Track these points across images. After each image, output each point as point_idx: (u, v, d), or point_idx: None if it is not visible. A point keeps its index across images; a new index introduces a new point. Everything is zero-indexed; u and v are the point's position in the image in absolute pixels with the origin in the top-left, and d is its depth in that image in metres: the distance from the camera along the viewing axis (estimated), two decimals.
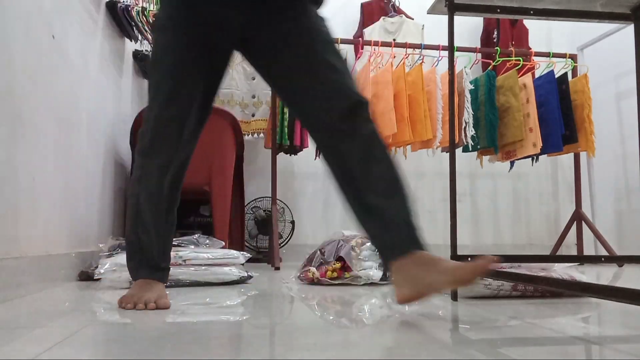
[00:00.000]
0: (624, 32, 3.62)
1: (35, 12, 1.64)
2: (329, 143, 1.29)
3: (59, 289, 1.71)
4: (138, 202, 1.36)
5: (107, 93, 2.53)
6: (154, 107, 1.34)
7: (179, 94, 1.31)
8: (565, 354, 0.84)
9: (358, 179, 1.23)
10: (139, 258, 1.37)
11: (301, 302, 1.48)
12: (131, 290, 1.35)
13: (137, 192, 1.37)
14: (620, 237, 3.77)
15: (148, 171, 1.35)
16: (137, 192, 1.37)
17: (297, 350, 0.84)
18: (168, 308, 1.28)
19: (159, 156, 1.34)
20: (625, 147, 3.76)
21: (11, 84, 1.47)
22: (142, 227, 1.35)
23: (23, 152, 1.55)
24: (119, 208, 2.76)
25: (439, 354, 0.82)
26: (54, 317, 1.17)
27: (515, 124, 3.26)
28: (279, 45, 1.31)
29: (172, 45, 1.32)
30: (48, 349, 0.84)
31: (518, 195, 4.30)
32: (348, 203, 1.27)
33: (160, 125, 1.34)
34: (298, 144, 3.27)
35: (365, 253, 2.00)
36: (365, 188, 1.22)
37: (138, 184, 1.37)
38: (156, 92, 1.34)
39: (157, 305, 1.27)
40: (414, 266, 1.12)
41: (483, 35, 4.23)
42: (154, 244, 1.37)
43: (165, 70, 1.33)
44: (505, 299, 1.51)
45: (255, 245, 3.72)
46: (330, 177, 1.30)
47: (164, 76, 1.33)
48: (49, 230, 1.77)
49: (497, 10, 1.55)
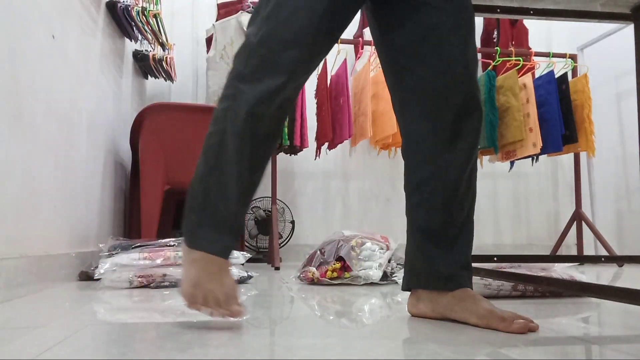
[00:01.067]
0: (624, 32, 3.62)
1: (35, 12, 1.64)
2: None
3: (59, 289, 1.71)
4: (221, 141, 1.06)
5: (107, 93, 2.53)
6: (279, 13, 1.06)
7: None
8: (565, 354, 0.84)
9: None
10: (202, 214, 1.07)
11: (301, 302, 1.48)
12: (189, 273, 1.06)
13: (222, 127, 1.07)
14: (620, 237, 3.77)
15: (242, 100, 1.06)
16: (222, 128, 1.07)
17: (297, 350, 0.84)
18: (242, 316, 1.03)
19: (266, 80, 1.05)
20: (625, 147, 3.76)
21: (11, 84, 1.47)
22: (217, 174, 1.07)
23: (23, 152, 1.55)
24: (119, 208, 2.76)
25: (439, 354, 0.82)
26: (54, 317, 1.17)
27: (515, 124, 3.27)
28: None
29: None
30: (48, 349, 0.84)
31: (518, 195, 4.30)
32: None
33: (280, 40, 1.05)
34: (298, 144, 3.27)
35: (365, 253, 2.00)
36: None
37: (224, 118, 1.07)
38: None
39: (231, 312, 1.02)
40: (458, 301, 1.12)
41: (483, 35, 4.23)
42: (228, 199, 1.06)
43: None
44: (505, 299, 1.51)
45: (255, 245, 3.72)
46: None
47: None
48: (49, 230, 1.77)
49: (497, 10, 1.55)
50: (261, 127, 1.07)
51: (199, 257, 1.06)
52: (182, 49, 3.83)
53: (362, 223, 4.02)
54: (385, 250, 2.06)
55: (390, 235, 2.34)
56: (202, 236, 1.07)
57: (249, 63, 1.06)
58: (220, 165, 1.06)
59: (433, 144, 1.13)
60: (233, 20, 3.30)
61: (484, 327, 1.04)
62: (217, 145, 1.07)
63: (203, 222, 1.07)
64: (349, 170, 4.07)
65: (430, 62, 1.11)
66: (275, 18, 1.06)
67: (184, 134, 2.61)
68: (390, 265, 2.04)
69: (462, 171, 1.13)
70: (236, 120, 1.05)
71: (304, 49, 1.06)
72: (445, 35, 1.11)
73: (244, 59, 1.08)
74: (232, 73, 1.09)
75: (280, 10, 1.06)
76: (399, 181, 4.10)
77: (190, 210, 1.09)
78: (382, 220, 4.05)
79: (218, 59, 3.27)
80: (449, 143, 1.13)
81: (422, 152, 1.14)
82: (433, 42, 1.11)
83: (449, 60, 1.11)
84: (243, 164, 1.06)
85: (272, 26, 1.05)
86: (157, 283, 1.81)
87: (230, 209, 1.07)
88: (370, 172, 4.09)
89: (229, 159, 1.06)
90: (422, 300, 1.17)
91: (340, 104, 3.26)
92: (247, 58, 1.07)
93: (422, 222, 1.15)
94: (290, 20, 1.05)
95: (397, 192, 4.08)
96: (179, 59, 3.73)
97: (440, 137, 1.13)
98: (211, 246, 1.06)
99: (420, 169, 1.15)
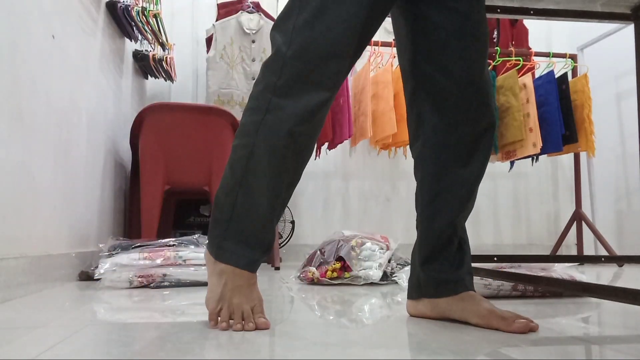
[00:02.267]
0: (624, 32, 3.62)
1: (35, 12, 1.64)
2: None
3: (59, 289, 1.71)
4: (251, 154, 1.02)
5: (107, 93, 2.53)
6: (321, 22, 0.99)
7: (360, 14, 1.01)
8: (565, 354, 0.84)
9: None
10: (228, 227, 1.04)
11: (301, 302, 1.48)
12: (214, 286, 1.04)
13: (252, 141, 1.03)
14: (620, 237, 3.77)
15: (280, 116, 1.01)
16: (251, 142, 1.03)
17: (297, 350, 0.84)
18: (268, 328, 1.02)
19: (305, 96, 1.01)
20: (625, 147, 3.76)
21: (11, 84, 1.47)
22: (246, 188, 1.03)
23: (23, 152, 1.55)
24: (119, 208, 2.76)
25: (439, 354, 0.82)
26: (54, 317, 1.17)
27: (515, 124, 3.27)
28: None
29: None
30: (48, 349, 0.84)
31: (518, 195, 4.30)
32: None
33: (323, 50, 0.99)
34: None
35: (365, 253, 2.00)
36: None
37: (255, 132, 1.02)
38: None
39: (257, 325, 1.01)
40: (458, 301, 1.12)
41: None
42: (258, 213, 1.04)
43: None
44: (505, 299, 1.51)
45: None
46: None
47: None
48: (49, 230, 1.77)
49: (497, 10, 1.55)
50: (301, 143, 1.04)
51: (226, 270, 1.04)
52: (182, 49, 3.83)
53: (362, 223, 4.02)
54: (385, 250, 2.06)
55: (390, 235, 2.34)
56: (229, 249, 1.05)
57: (284, 76, 1.00)
58: (249, 179, 1.03)
59: (451, 157, 1.11)
60: (233, 20, 3.30)
61: (484, 327, 1.04)
62: (246, 158, 1.03)
63: (230, 235, 1.05)
64: (349, 170, 4.07)
65: (454, 71, 1.09)
66: (312, 28, 0.99)
67: (184, 134, 2.62)
68: (390, 265, 2.04)
69: (474, 184, 1.13)
70: (272, 136, 1.01)
71: (345, 60, 1.02)
72: (469, 44, 1.09)
73: (277, 71, 1.01)
74: (262, 84, 1.03)
75: (319, 19, 0.99)
76: (399, 181, 4.11)
77: (216, 222, 1.06)
78: (382, 220, 4.05)
79: (218, 59, 3.27)
80: (468, 157, 1.11)
81: (439, 164, 1.12)
82: (458, 50, 1.08)
83: (471, 70, 1.09)
84: (279, 180, 1.04)
85: (310, 37, 0.99)
86: (157, 283, 1.81)
87: (259, 222, 1.05)
88: (370, 172, 4.09)
89: (259, 173, 1.02)
90: (421, 300, 1.17)
91: (340, 104, 3.26)
92: (280, 70, 1.01)
93: (433, 236, 1.14)
94: (331, 31, 0.99)
95: (397, 192, 4.08)
96: (179, 59, 3.73)
97: (459, 151, 1.11)
98: (239, 260, 1.04)
99: (435, 182, 1.13)
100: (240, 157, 1.04)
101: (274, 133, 1.01)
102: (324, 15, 0.99)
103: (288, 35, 1.01)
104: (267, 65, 1.04)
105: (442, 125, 1.11)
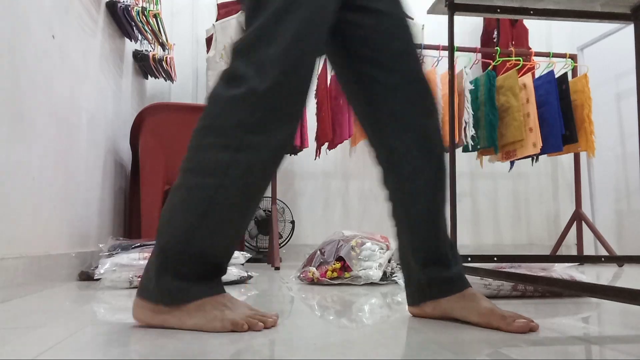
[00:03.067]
0: (624, 32, 3.62)
1: (35, 12, 1.64)
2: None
3: (59, 289, 1.71)
4: (216, 195, 0.98)
5: (107, 93, 2.54)
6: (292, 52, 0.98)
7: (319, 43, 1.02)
8: (565, 354, 0.84)
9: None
10: (194, 267, 1.00)
11: (301, 302, 1.48)
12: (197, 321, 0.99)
13: (216, 183, 0.98)
14: (620, 237, 3.78)
15: (256, 156, 0.98)
16: (215, 184, 0.98)
17: (297, 350, 0.84)
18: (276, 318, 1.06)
19: (280, 131, 0.99)
20: (625, 147, 3.76)
21: (12, 84, 1.47)
22: (210, 232, 0.99)
23: (23, 152, 1.55)
24: (119, 208, 2.76)
25: (439, 354, 0.82)
26: (54, 317, 1.17)
27: (515, 124, 3.27)
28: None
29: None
30: (48, 349, 0.84)
31: (518, 195, 4.30)
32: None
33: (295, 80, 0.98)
34: (298, 144, 3.27)
35: (365, 253, 2.00)
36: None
37: (224, 174, 0.97)
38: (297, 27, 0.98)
39: (265, 325, 1.01)
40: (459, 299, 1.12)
41: (483, 35, 4.23)
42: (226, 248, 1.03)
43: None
44: (505, 299, 1.51)
45: (255, 245, 3.72)
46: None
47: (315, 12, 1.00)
48: (49, 230, 1.77)
49: (497, 10, 1.55)
50: (268, 181, 1.03)
51: (199, 304, 0.99)
52: (182, 49, 3.83)
53: (362, 223, 4.03)
54: (385, 250, 2.06)
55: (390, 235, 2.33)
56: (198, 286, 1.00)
57: (258, 112, 0.97)
58: (211, 221, 0.98)
59: (419, 154, 1.11)
60: (233, 20, 3.30)
61: (484, 326, 1.04)
62: (209, 200, 0.97)
63: (195, 273, 1.00)
64: (349, 170, 4.07)
65: (396, 68, 1.10)
66: (284, 64, 0.97)
67: (184, 134, 2.61)
68: (390, 265, 2.04)
69: (444, 174, 1.13)
70: (246, 176, 0.98)
71: (309, 91, 1.04)
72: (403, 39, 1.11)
73: (249, 107, 0.97)
74: (231, 119, 0.97)
75: (291, 54, 0.97)
76: None
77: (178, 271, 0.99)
78: (382, 220, 4.05)
79: (218, 59, 3.27)
80: (429, 149, 1.11)
81: (410, 164, 1.11)
82: (395, 47, 1.10)
83: (411, 63, 1.11)
84: (248, 214, 1.02)
85: (282, 74, 0.97)
86: None
87: (228, 253, 1.03)
88: (370, 172, 4.09)
89: (225, 214, 0.98)
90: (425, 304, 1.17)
91: (340, 104, 3.26)
92: (254, 107, 0.97)
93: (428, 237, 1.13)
94: (301, 66, 0.99)
95: None
96: (179, 59, 3.73)
97: (423, 145, 1.11)
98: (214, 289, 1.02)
99: (410, 183, 1.12)
100: (203, 197, 0.98)
101: (248, 174, 0.98)
102: (296, 49, 0.98)
103: (260, 68, 0.97)
104: (237, 102, 0.98)
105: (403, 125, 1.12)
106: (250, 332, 0.98)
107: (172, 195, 1.03)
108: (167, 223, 1.01)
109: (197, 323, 0.99)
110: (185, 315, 0.99)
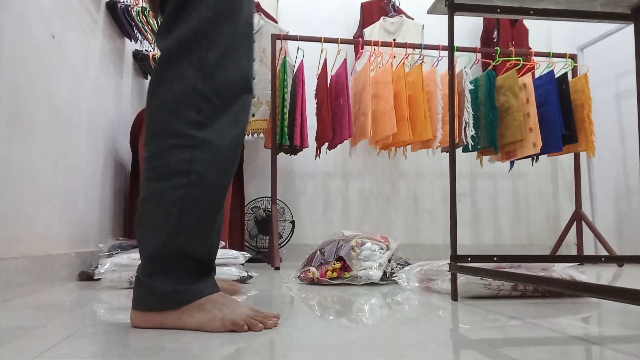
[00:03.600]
0: (624, 32, 3.62)
1: (35, 12, 1.64)
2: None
3: (59, 289, 1.71)
4: (185, 195, 0.99)
5: (107, 93, 2.54)
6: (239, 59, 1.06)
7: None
8: (565, 354, 0.84)
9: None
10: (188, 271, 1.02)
11: (301, 302, 1.48)
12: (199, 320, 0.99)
13: (183, 182, 1.00)
14: (620, 237, 3.78)
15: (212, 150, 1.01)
16: (183, 183, 1.00)
17: (297, 350, 0.84)
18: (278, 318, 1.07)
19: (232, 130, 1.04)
20: (625, 147, 3.76)
21: (11, 84, 1.47)
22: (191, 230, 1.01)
23: (23, 152, 1.55)
24: (119, 208, 2.76)
25: (439, 354, 0.82)
26: (54, 317, 1.17)
27: (515, 124, 3.27)
28: None
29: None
30: (48, 349, 0.84)
31: (518, 195, 4.30)
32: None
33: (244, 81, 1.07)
34: (298, 144, 3.27)
35: (365, 253, 2.00)
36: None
37: (187, 173, 0.99)
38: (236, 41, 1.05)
39: (265, 326, 1.02)
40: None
41: (483, 35, 4.24)
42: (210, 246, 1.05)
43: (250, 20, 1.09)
44: (505, 299, 1.51)
45: (255, 245, 3.72)
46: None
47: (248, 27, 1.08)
48: (49, 230, 1.77)
49: (497, 10, 1.55)
50: (235, 166, 1.07)
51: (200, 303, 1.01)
52: None
53: (362, 223, 4.03)
54: (385, 250, 2.06)
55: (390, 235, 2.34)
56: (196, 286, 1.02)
57: (204, 111, 1.01)
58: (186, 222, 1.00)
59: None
60: None
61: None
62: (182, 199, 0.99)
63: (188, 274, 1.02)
64: (349, 170, 4.07)
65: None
66: (226, 65, 1.03)
67: None
68: (390, 265, 2.04)
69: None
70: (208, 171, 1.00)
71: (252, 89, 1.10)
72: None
73: (195, 106, 1.00)
74: (179, 120, 0.99)
75: (232, 55, 1.04)
76: (399, 181, 4.11)
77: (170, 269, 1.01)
78: (382, 220, 4.05)
79: None
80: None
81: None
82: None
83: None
84: (222, 210, 1.05)
85: (225, 75, 1.03)
86: None
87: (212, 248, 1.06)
88: (370, 172, 4.09)
89: (198, 211, 1.00)
90: None
91: (340, 104, 3.26)
92: (199, 105, 1.01)
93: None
94: (241, 67, 1.05)
95: (397, 192, 4.08)
96: None
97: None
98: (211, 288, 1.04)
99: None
100: (173, 200, 0.99)
101: (209, 167, 1.01)
102: (237, 52, 1.05)
103: (201, 70, 1.01)
104: (179, 101, 1.00)
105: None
106: (250, 332, 0.98)
107: (142, 207, 1.03)
108: (146, 234, 1.02)
109: (198, 322, 0.99)
110: (186, 315, 1.00)
